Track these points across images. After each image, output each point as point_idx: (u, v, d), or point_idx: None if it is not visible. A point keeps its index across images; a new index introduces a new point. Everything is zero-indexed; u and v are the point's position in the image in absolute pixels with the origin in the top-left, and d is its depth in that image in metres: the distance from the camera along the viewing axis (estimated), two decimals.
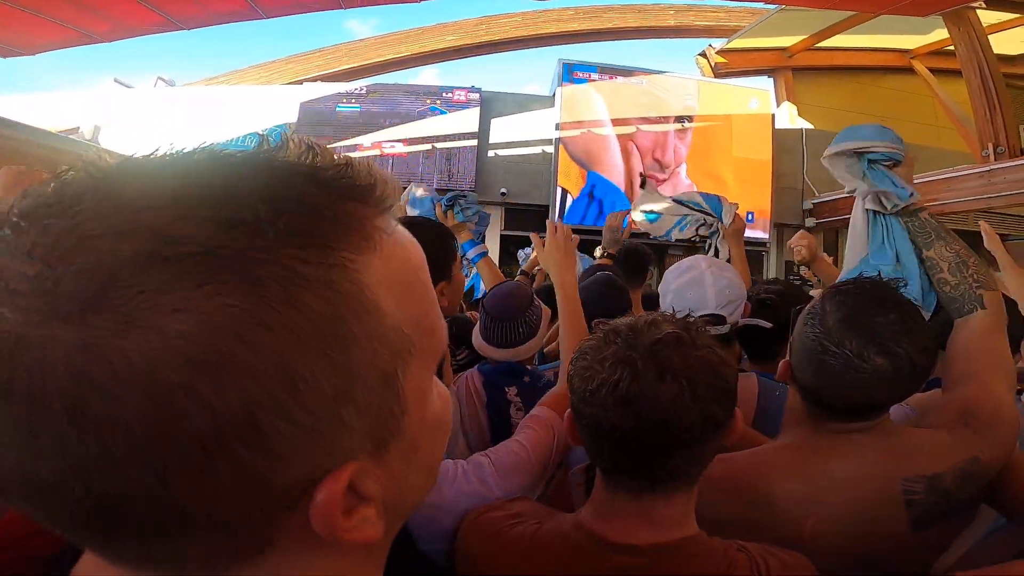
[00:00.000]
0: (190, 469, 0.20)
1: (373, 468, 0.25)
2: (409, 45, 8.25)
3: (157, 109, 6.24)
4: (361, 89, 6.45)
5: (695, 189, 6.06)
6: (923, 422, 0.90)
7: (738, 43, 7.09)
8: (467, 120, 6.35)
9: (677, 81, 6.68)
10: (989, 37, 4.87)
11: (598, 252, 2.33)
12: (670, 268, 1.41)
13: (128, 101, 6.36)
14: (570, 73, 6.52)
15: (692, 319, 0.68)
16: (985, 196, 4.64)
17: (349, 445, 0.24)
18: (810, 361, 0.80)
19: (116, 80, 6.56)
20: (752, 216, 6.32)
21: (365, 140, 6.16)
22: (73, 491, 0.20)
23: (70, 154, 5.09)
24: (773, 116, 6.59)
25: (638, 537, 0.63)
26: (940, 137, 6.62)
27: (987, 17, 5.08)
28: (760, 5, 5.82)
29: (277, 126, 6.08)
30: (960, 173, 4.81)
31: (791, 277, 6.17)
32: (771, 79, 7.29)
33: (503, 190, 6.26)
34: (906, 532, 0.78)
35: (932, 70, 6.46)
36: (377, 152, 6.13)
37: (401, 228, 0.27)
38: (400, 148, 6.22)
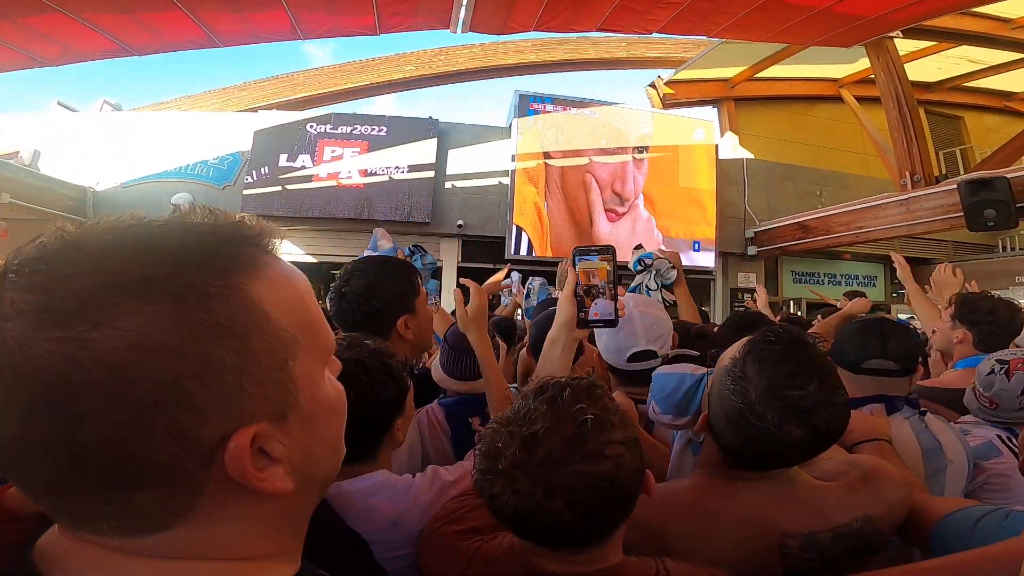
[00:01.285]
0: (137, 422, 0.30)
1: (277, 433, 0.35)
2: (367, 74, 8.41)
3: (103, 134, 6.15)
4: (317, 119, 6.52)
5: (653, 237, 6.36)
6: (824, 474, 0.96)
7: (685, 74, 7.51)
8: (424, 151, 6.46)
9: (632, 112, 6.96)
10: (908, 65, 5.28)
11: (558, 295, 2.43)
12: None
13: (72, 125, 6.25)
14: (526, 104, 6.71)
15: (593, 418, 0.68)
16: (905, 223, 5.01)
17: (252, 409, 0.34)
18: (731, 425, 0.85)
19: (59, 103, 6.42)
20: (699, 245, 6.63)
21: (320, 171, 6.21)
22: (57, 449, 0.30)
23: (11, 180, 4.98)
24: (717, 146, 6.95)
25: (562, 568, 0.71)
26: (867, 165, 7.11)
27: (906, 46, 5.55)
28: (702, 38, 6.26)
29: (230, 154, 6.09)
30: (882, 201, 5.18)
31: (736, 305, 6.50)
32: (715, 109, 7.70)
33: (460, 222, 6.34)
34: None
35: (859, 98, 6.92)
36: (333, 183, 6.19)
37: (286, 263, 0.40)
38: (356, 179, 6.30)
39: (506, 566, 0.74)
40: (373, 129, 6.53)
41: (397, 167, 6.41)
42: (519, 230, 6.42)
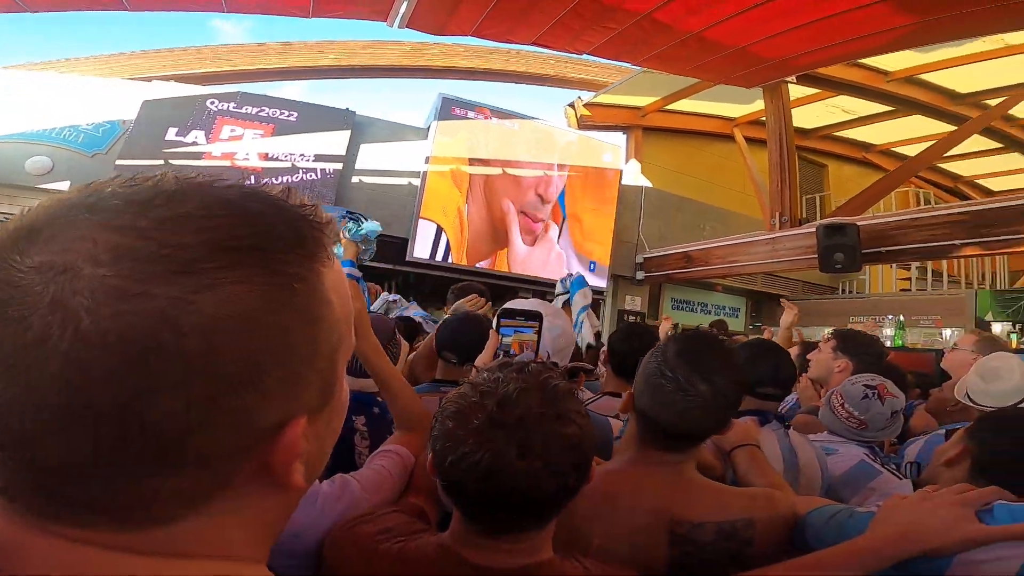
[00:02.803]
0: (209, 400, 0.27)
1: (308, 427, 0.33)
2: (287, 57, 7.98)
3: None
4: (221, 95, 6.08)
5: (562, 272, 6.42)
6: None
7: (603, 98, 7.68)
8: (335, 142, 6.16)
9: (553, 129, 7.02)
10: (793, 111, 5.68)
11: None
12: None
13: None
14: (448, 108, 6.58)
15: (560, 385, 0.73)
16: (770, 261, 5.41)
17: (306, 399, 0.33)
18: (648, 384, 0.97)
19: None
20: (595, 266, 6.74)
21: (214, 149, 5.79)
22: (108, 423, 0.25)
23: None
24: (621, 172, 7.11)
25: (495, 561, 0.70)
26: (745, 203, 7.56)
27: (795, 92, 5.94)
28: (625, 65, 6.45)
29: (108, 122, 5.49)
30: (752, 239, 5.56)
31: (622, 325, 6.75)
32: (624, 135, 7.92)
33: None
34: (662, 571, 0.89)
35: (747, 139, 7.35)
36: (227, 163, 5.78)
37: None
38: (255, 161, 5.93)
39: (439, 564, 0.72)
40: (282, 113, 6.15)
41: (303, 155, 6.07)
42: (439, 230, 6.27)
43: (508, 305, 1.29)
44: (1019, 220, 4.11)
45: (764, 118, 5.90)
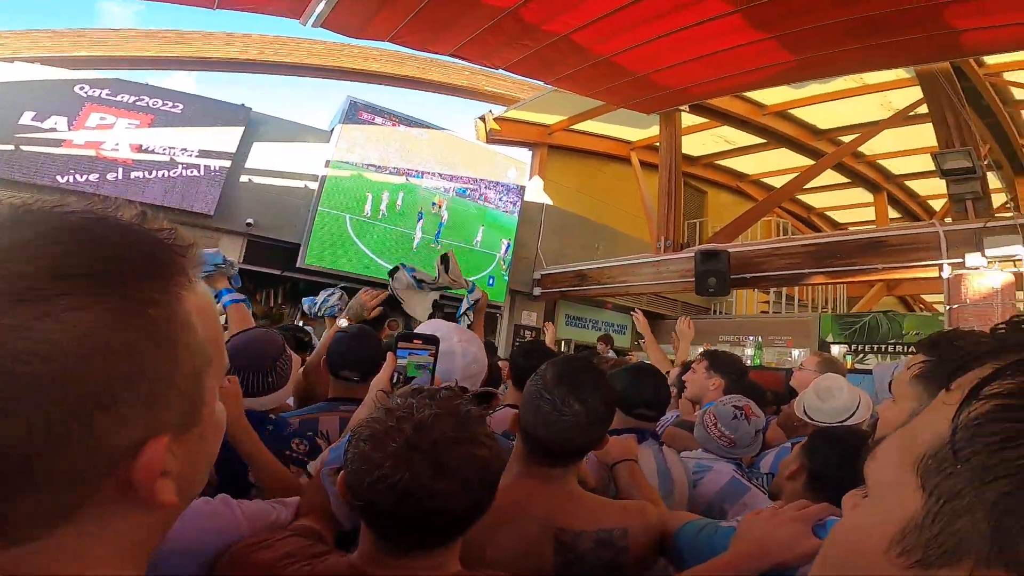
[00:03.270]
0: (54, 424, 0.27)
1: (175, 446, 0.33)
2: (181, 47, 7.31)
3: None
4: (93, 81, 5.43)
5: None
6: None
7: (513, 114, 7.75)
8: (225, 138, 5.70)
9: (459, 141, 6.99)
10: (684, 139, 6.02)
11: (342, 323, 2.18)
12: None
13: None
14: (355, 112, 6.34)
15: (472, 411, 0.75)
16: (655, 282, 5.71)
17: (167, 419, 0.33)
18: (530, 405, 1.03)
19: None
20: (493, 281, 6.78)
21: (77, 136, 5.20)
22: None
23: None
24: (524, 188, 7.24)
25: None
26: (635, 225, 7.93)
27: (686, 120, 6.29)
28: (537, 83, 6.56)
29: None
30: (640, 261, 5.85)
31: (517, 340, 6.84)
32: (530, 152, 8.05)
33: (249, 220, 5.67)
34: None
35: (643, 163, 7.71)
36: (91, 152, 5.23)
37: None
38: (126, 153, 5.41)
39: None
40: (165, 104, 5.62)
41: (185, 149, 5.55)
42: None
43: (415, 329, 1.31)
44: (858, 252, 4.60)
45: (658, 143, 6.22)
